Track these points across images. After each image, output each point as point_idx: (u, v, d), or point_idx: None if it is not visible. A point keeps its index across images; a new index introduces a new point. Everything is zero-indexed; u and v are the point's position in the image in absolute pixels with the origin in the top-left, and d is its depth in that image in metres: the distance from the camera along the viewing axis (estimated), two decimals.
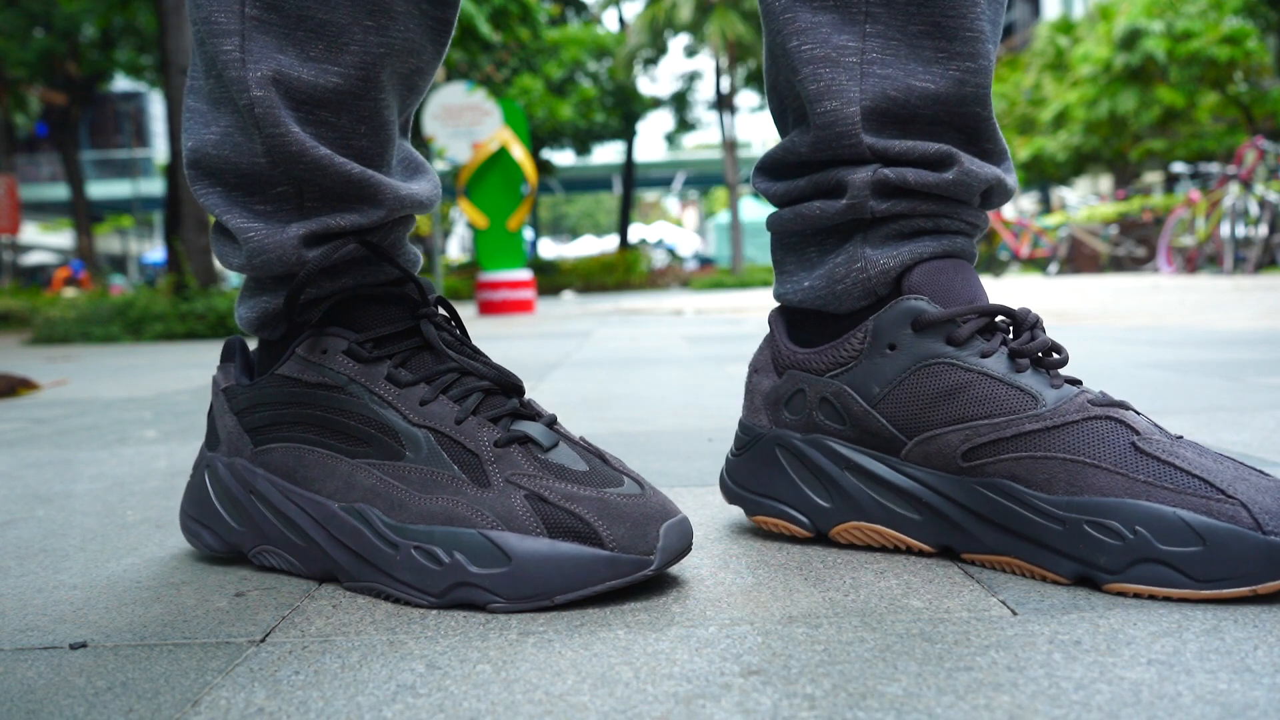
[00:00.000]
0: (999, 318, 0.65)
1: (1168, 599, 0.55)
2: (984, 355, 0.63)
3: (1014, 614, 0.54)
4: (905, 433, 0.64)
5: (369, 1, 0.61)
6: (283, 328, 0.68)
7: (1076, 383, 0.63)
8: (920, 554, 0.66)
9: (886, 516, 0.65)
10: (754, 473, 0.72)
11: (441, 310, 0.69)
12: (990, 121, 0.67)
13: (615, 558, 0.57)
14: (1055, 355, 0.63)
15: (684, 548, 0.60)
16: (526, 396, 0.67)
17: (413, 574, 0.59)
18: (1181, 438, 0.60)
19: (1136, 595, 0.56)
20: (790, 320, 0.73)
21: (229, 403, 0.69)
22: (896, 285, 0.66)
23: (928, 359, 0.63)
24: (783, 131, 0.71)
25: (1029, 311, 0.65)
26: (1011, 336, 0.65)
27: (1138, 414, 0.61)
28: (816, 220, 0.68)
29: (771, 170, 0.72)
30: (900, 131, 0.65)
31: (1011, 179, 0.69)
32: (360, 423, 0.63)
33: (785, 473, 0.70)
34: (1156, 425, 0.60)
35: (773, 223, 0.72)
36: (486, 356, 0.67)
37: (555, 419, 0.65)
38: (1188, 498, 0.55)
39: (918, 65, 0.64)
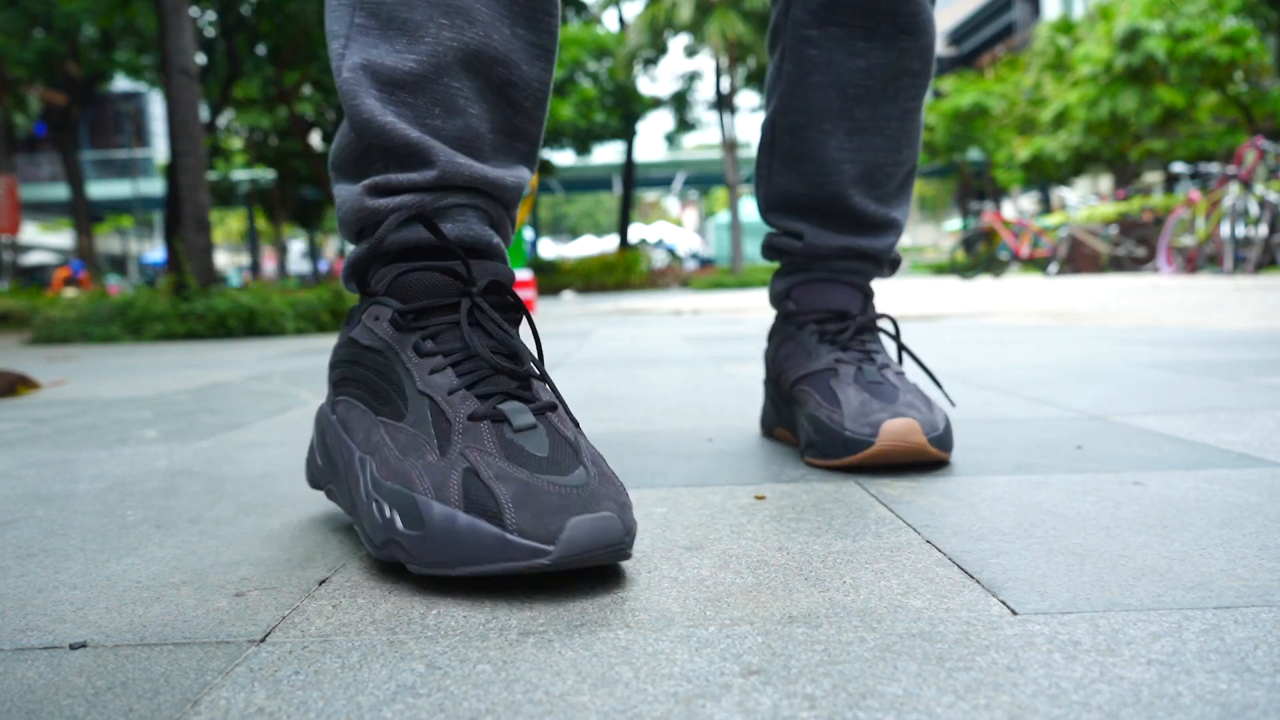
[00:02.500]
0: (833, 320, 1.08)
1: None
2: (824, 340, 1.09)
3: (1014, 614, 0.54)
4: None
5: (446, 5, 0.72)
6: (358, 279, 0.78)
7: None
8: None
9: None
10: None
11: (497, 295, 0.73)
12: (845, 205, 1.05)
13: (510, 541, 0.57)
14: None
15: (597, 547, 0.58)
16: (536, 385, 0.69)
17: (369, 523, 0.66)
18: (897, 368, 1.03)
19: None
20: None
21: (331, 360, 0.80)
22: (787, 295, 1.12)
23: (787, 335, 1.11)
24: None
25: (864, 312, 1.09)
26: (832, 329, 1.05)
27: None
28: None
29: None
30: (782, 214, 1.11)
31: (864, 241, 1.07)
32: (387, 384, 0.70)
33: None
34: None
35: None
36: (517, 344, 0.70)
37: (554, 407, 0.67)
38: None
39: (796, 177, 1.08)
